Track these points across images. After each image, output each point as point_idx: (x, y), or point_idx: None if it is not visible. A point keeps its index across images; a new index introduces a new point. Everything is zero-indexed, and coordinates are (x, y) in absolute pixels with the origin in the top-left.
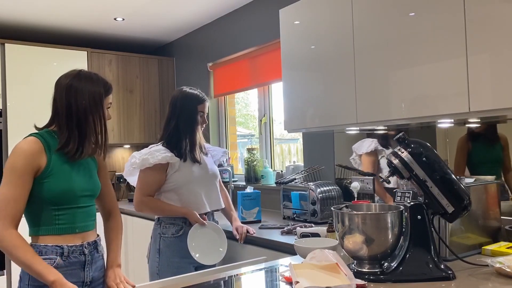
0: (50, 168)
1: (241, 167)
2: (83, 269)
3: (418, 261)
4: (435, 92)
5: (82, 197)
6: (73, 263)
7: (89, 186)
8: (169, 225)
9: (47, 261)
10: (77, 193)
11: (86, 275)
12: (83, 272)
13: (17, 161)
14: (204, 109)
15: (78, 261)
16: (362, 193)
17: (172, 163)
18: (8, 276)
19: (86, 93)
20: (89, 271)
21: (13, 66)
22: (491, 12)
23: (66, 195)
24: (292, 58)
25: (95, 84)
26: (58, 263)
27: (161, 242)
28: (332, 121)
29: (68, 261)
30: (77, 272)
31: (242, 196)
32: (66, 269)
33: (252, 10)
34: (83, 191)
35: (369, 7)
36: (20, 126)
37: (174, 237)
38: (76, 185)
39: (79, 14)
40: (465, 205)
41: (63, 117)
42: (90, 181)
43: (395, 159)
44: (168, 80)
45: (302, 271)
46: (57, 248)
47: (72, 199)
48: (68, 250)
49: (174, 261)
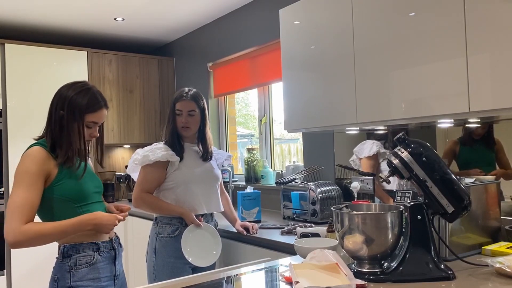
0: (64, 170)
1: (241, 167)
2: (114, 263)
3: (418, 261)
4: (435, 92)
5: (95, 193)
6: (106, 258)
7: (98, 184)
8: (165, 225)
9: (87, 257)
10: (90, 189)
11: (117, 268)
12: (114, 266)
13: (29, 166)
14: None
15: (110, 255)
16: (362, 193)
17: (172, 162)
18: (8, 276)
19: (67, 102)
20: (118, 264)
21: (13, 66)
22: (491, 12)
23: (84, 192)
24: (292, 58)
25: (80, 96)
26: (96, 258)
27: (157, 242)
28: (332, 121)
29: (103, 256)
30: (109, 267)
31: (242, 196)
32: (103, 264)
33: (252, 10)
34: (95, 188)
35: (369, 7)
36: (20, 126)
37: (170, 237)
38: (88, 182)
39: (79, 14)
40: (465, 205)
41: (47, 123)
42: (97, 179)
43: (395, 159)
44: (168, 80)
45: (302, 271)
46: (93, 245)
47: (88, 195)
48: (103, 246)
49: (170, 261)
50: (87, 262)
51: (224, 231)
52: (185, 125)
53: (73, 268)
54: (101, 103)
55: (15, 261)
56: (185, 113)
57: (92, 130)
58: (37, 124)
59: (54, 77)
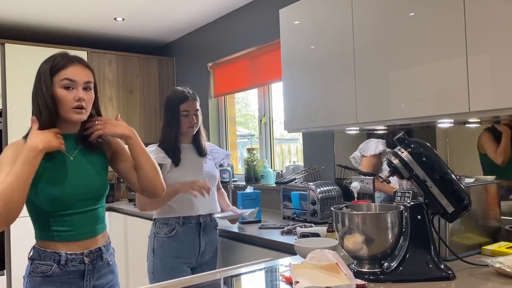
0: (40, 173)
1: (241, 167)
2: (83, 279)
3: (418, 261)
4: (435, 92)
5: (81, 201)
6: (71, 272)
7: (90, 189)
8: (162, 225)
9: (44, 267)
10: (72, 197)
11: (86, 284)
12: (82, 281)
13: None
14: (189, 107)
15: (76, 270)
16: (362, 193)
17: (165, 165)
18: (8, 276)
19: (38, 73)
20: (89, 280)
21: (13, 66)
22: (491, 12)
23: (59, 202)
24: (292, 58)
25: (46, 62)
26: (54, 270)
27: (155, 242)
28: (332, 121)
29: (65, 270)
30: (76, 281)
31: (242, 196)
32: (64, 277)
33: (252, 10)
34: (81, 195)
35: (369, 7)
36: (20, 126)
37: (167, 237)
38: (70, 189)
39: (79, 14)
40: (465, 205)
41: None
42: (91, 183)
43: (395, 159)
44: (168, 80)
45: (302, 271)
46: (55, 255)
47: (67, 204)
48: (66, 258)
49: (168, 261)
50: (43, 272)
51: (224, 231)
52: (193, 125)
53: (31, 274)
54: (59, 58)
55: (15, 261)
56: (192, 113)
57: (74, 92)
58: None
59: None
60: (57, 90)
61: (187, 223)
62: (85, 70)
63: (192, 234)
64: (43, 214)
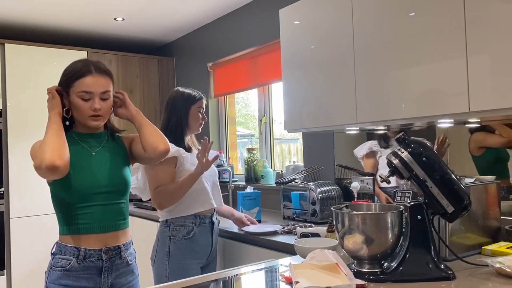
0: None
1: (241, 167)
2: (100, 275)
3: (418, 261)
4: (435, 92)
5: (100, 194)
6: (89, 267)
7: (110, 182)
8: (179, 227)
9: (63, 261)
10: (94, 189)
11: (103, 281)
12: (100, 278)
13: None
14: (202, 105)
15: (94, 266)
16: (362, 193)
17: (178, 158)
18: (8, 276)
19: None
20: (107, 277)
21: (13, 66)
22: (491, 12)
23: (80, 193)
24: (292, 58)
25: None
26: (73, 265)
27: (171, 245)
28: (332, 121)
29: (83, 265)
30: (93, 277)
31: (242, 196)
32: (82, 273)
33: (252, 10)
34: (100, 188)
35: (369, 7)
36: (20, 126)
37: (185, 239)
38: (89, 181)
39: (79, 14)
40: (465, 205)
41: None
42: (112, 176)
43: (395, 159)
44: (168, 80)
45: (302, 271)
46: (75, 250)
47: (87, 197)
48: (85, 254)
49: (185, 263)
50: (62, 266)
51: (224, 231)
52: (202, 122)
53: (51, 268)
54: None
55: (15, 261)
56: (202, 111)
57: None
58: (37, 124)
59: (54, 77)
60: (75, 100)
61: (202, 223)
62: (103, 79)
63: (207, 234)
64: (68, 207)
